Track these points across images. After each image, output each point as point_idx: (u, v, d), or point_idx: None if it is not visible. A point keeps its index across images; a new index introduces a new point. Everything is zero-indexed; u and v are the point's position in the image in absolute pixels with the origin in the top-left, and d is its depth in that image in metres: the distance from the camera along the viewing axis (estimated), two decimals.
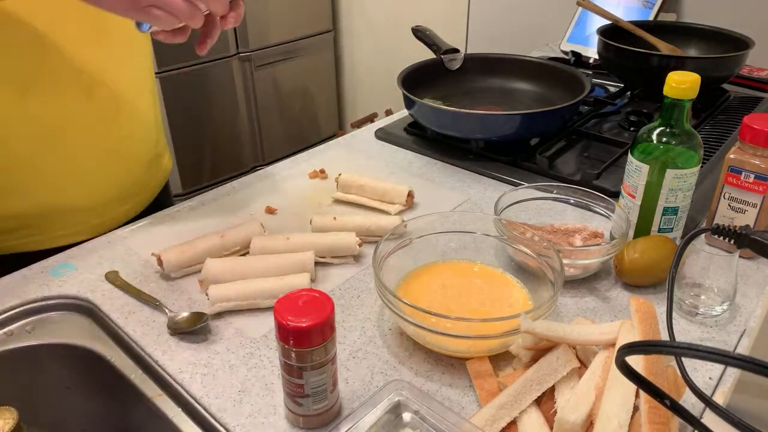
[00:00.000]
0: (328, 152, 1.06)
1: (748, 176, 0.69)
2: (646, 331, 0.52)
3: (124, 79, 0.82)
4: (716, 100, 1.18)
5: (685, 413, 0.39)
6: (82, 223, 0.84)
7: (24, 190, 0.77)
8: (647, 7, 1.47)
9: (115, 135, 0.83)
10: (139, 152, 0.89)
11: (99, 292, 0.70)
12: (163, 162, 0.97)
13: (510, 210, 0.77)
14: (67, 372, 0.66)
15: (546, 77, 1.15)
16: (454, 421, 0.49)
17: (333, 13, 2.64)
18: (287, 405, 0.52)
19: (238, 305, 0.65)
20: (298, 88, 2.60)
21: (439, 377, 0.58)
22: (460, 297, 0.65)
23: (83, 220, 0.84)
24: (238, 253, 0.75)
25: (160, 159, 0.96)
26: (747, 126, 0.68)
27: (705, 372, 0.58)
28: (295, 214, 0.85)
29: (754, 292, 0.69)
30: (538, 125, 0.99)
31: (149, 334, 0.63)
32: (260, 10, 2.32)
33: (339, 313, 0.66)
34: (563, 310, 0.66)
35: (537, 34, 1.87)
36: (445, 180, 0.95)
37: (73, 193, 0.81)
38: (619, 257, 0.69)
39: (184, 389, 0.57)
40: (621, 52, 1.14)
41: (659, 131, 0.68)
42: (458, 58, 1.17)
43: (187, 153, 2.25)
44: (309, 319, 0.46)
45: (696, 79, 0.65)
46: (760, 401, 0.41)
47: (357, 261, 0.75)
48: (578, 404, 0.48)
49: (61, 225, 0.82)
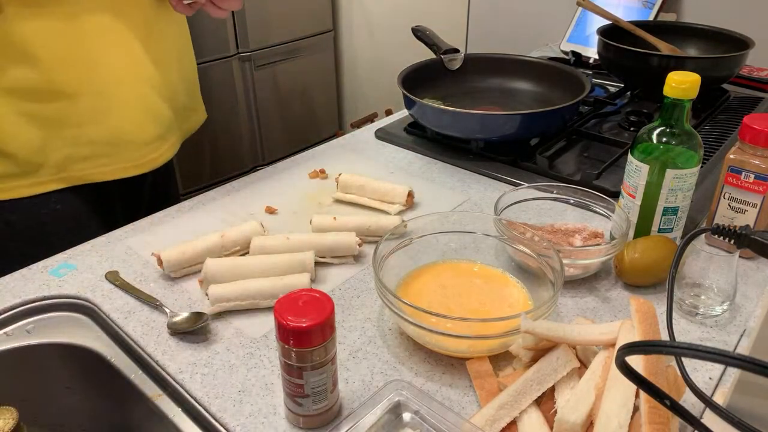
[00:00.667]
0: (328, 152, 1.06)
1: (748, 176, 0.69)
2: (646, 331, 0.52)
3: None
4: (716, 100, 1.18)
5: (685, 413, 0.39)
6: (141, 156, 0.91)
7: (101, 118, 0.85)
8: (647, 7, 1.47)
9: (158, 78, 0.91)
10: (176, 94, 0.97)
11: (99, 292, 0.70)
12: (197, 112, 1.08)
13: (510, 210, 0.77)
14: (67, 372, 0.66)
15: (546, 77, 1.15)
16: (454, 421, 0.49)
17: (333, 13, 2.64)
18: (287, 405, 0.52)
19: (238, 305, 0.65)
20: (298, 88, 2.60)
21: (439, 377, 0.58)
22: (460, 297, 0.65)
23: (142, 154, 0.92)
24: (238, 253, 0.75)
25: (194, 111, 1.06)
26: (747, 126, 0.68)
27: (705, 372, 0.58)
28: (295, 214, 0.85)
29: (754, 292, 0.69)
30: (538, 125, 0.99)
31: (149, 334, 0.63)
32: (260, 10, 2.32)
33: (339, 313, 0.66)
34: (563, 310, 0.66)
35: (537, 34, 1.87)
36: (445, 180, 0.95)
37: (132, 125, 0.89)
38: (619, 257, 0.69)
39: (184, 389, 0.57)
40: (621, 52, 1.14)
41: (659, 131, 0.68)
42: (458, 58, 1.17)
43: (187, 153, 2.25)
44: (309, 319, 0.46)
45: (696, 79, 0.65)
46: (760, 401, 0.41)
47: (357, 261, 0.75)
48: (578, 404, 0.48)
49: (129, 156, 0.90)
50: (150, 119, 0.91)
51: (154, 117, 0.91)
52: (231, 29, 2.24)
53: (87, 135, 0.85)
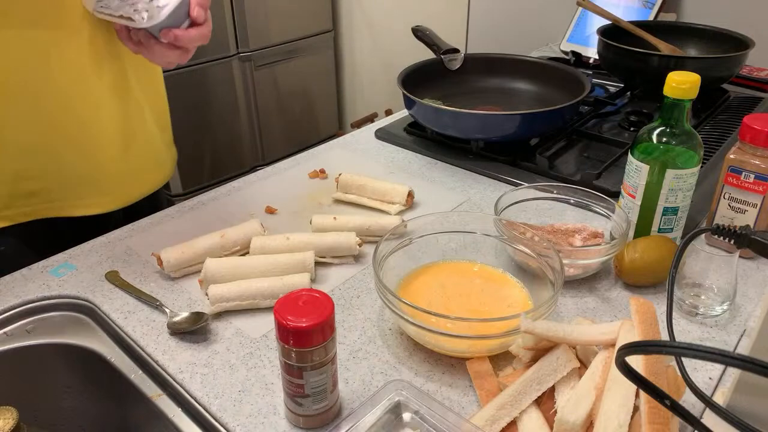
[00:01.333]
0: (328, 152, 1.06)
1: (748, 176, 0.69)
2: (646, 331, 0.52)
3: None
4: (716, 100, 1.18)
5: (685, 413, 0.39)
6: (104, 194, 0.85)
7: (51, 151, 0.79)
8: (647, 7, 1.47)
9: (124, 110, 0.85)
10: (148, 132, 0.91)
11: (99, 292, 0.70)
12: (171, 151, 1.01)
13: (510, 210, 0.77)
14: (67, 372, 0.66)
15: (546, 77, 1.15)
16: (454, 421, 0.49)
17: (333, 13, 2.64)
18: (287, 405, 0.52)
19: (238, 305, 0.65)
20: (298, 88, 2.60)
21: (439, 377, 0.58)
22: (460, 297, 0.65)
23: (104, 191, 0.85)
24: (238, 253, 0.75)
25: (169, 148, 1.00)
26: (747, 126, 0.68)
27: (705, 372, 0.58)
28: (295, 214, 0.85)
29: (754, 292, 0.69)
30: (538, 125, 0.99)
31: (149, 334, 0.63)
32: (260, 10, 2.32)
33: (339, 313, 0.66)
34: (563, 310, 0.66)
35: (537, 34, 1.87)
36: (445, 180, 0.95)
37: (94, 160, 0.82)
38: (619, 257, 0.69)
39: (184, 389, 0.57)
40: (621, 52, 1.14)
41: (659, 131, 0.68)
42: (458, 58, 1.17)
43: (187, 153, 2.25)
44: (309, 319, 0.46)
45: (696, 79, 0.65)
46: (760, 401, 0.42)
47: (357, 261, 0.75)
48: (578, 404, 0.48)
49: (87, 192, 0.83)
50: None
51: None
52: (231, 29, 2.24)
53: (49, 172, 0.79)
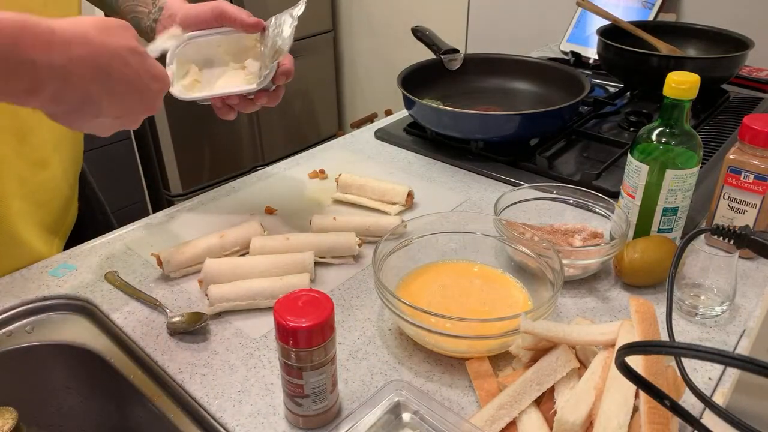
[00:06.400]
0: (328, 152, 1.06)
1: (747, 176, 0.69)
2: (645, 331, 0.52)
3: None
4: (716, 100, 1.18)
5: (685, 413, 0.39)
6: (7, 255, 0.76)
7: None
8: (647, 7, 1.47)
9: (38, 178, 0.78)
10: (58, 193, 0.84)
11: (99, 292, 0.70)
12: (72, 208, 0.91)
13: (510, 210, 0.77)
14: (67, 372, 0.66)
15: (546, 77, 1.15)
16: (454, 421, 0.49)
17: (333, 13, 2.64)
18: (287, 405, 0.52)
19: (238, 305, 0.65)
20: (298, 88, 2.60)
21: (439, 377, 0.58)
22: (460, 297, 0.65)
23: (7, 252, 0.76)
24: (238, 253, 0.75)
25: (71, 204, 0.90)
26: (747, 126, 0.68)
27: (705, 372, 0.58)
28: (295, 214, 0.85)
29: (753, 292, 0.69)
30: (538, 125, 0.99)
31: (149, 334, 0.63)
32: (260, 10, 2.32)
33: (339, 313, 0.66)
34: (563, 311, 0.66)
35: (537, 34, 1.87)
36: (445, 180, 0.95)
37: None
38: (618, 257, 0.69)
39: (183, 389, 0.57)
40: (621, 53, 1.14)
41: (659, 131, 0.68)
42: (458, 58, 1.17)
43: (187, 153, 2.25)
44: (309, 319, 0.46)
45: (696, 79, 0.65)
46: (760, 401, 0.42)
47: (357, 261, 0.75)
48: (578, 404, 0.48)
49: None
50: None
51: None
52: None
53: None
